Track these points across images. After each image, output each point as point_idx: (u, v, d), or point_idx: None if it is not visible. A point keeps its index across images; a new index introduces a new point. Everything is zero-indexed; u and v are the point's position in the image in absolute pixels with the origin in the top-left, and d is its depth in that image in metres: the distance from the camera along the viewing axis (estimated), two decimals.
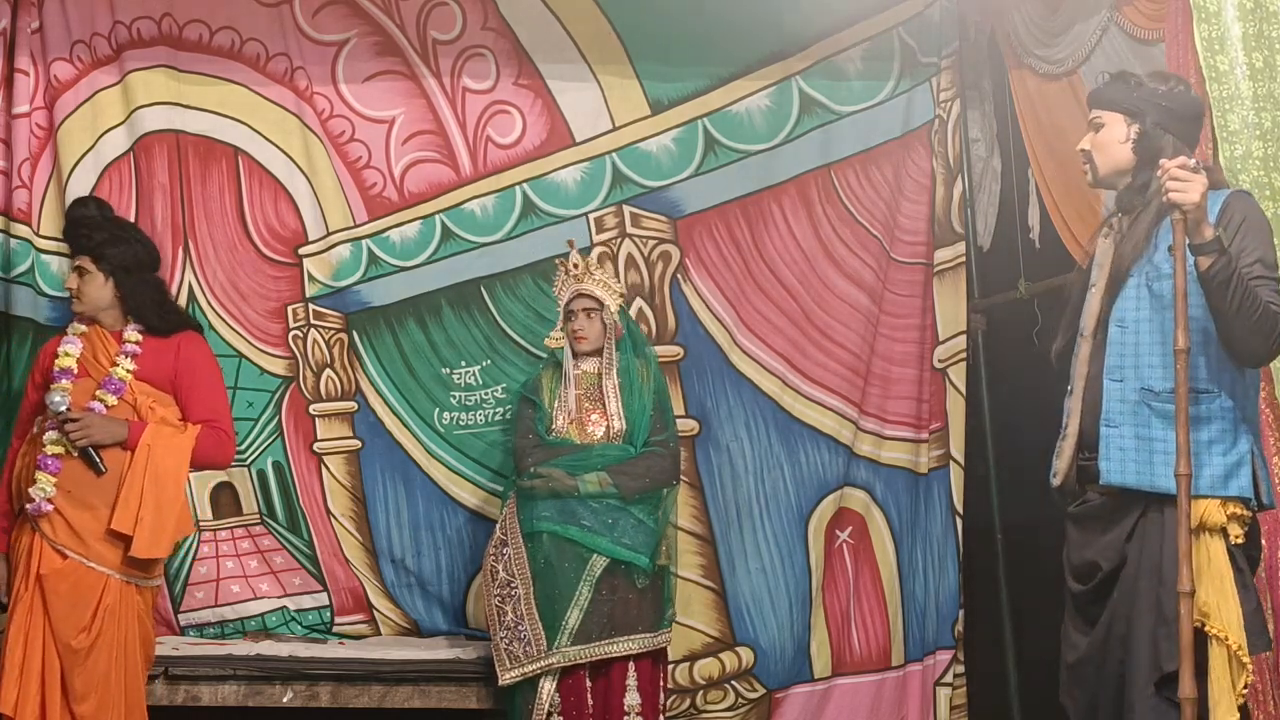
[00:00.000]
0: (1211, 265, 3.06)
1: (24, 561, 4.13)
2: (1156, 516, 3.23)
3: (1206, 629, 3.13)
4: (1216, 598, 3.11)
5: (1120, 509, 3.29)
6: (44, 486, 4.12)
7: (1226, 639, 3.11)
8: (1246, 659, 3.12)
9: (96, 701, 4.09)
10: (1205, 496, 3.17)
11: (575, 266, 4.79)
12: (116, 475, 4.16)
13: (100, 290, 4.31)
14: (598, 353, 4.79)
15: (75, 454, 4.13)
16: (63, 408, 4.11)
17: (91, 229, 4.35)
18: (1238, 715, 3.13)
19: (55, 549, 4.12)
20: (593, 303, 4.76)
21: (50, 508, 4.11)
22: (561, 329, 4.82)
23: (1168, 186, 3.05)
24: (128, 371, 4.25)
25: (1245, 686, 3.12)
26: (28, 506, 4.13)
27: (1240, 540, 3.17)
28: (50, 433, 4.15)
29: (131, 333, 4.31)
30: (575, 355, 4.81)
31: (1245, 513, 3.19)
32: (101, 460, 4.13)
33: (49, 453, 4.13)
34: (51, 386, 4.19)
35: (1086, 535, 3.37)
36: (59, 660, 4.07)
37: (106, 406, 4.18)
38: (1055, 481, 3.43)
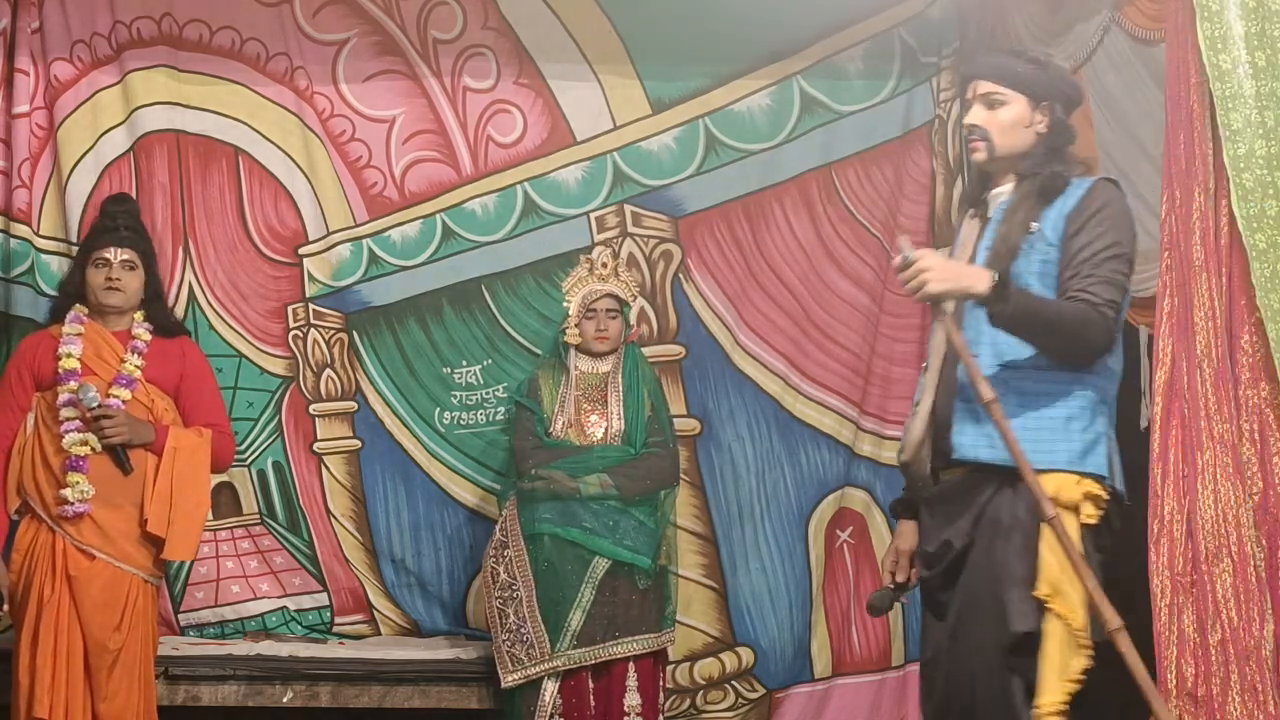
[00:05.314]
0: (1000, 313, 3.06)
1: (44, 562, 4.13)
2: (1009, 493, 3.15)
3: (1048, 606, 3.06)
4: (1064, 576, 3.05)
5: (974, 488, 3.20)
6: (84, 489, 4.12)
7: (1068, 620, 3.05)
8: (1086, 642, 3.06)
9: (121, 701, 4.13)
10: (1061, 471, 3.12)
11: (604, 266, 4.81)
12: (140, 476, 4.18)
13: (140, 285, 4.35)
14: (613, 352, 4.80)
15: (101, 450, 4.14)
16: (96, 403, 4.11)
17: (136, 223, 4.41)
18: (1063, 699, 3.05)
19: (81, 549, 4.13)
20: (616, 303, 4.78)
21: (87, 509, 4.11)
22: (576, 326, 4.81)
23: (910, 289, 3.04)
24: (136, 368, 4.26)
25: (1083, 672, 3.05)
26: (62, 509, 4.12)
27: (1093, 521, 3.12)
28: (74, 434, 4.15)
29: (141, 330, 4.32)
30: (579, 354, 4.81)
31: (1102, 493, 3.14)
32: (128, 459, 4.14)
33: (79, 453, 4.13)
34: (72, 384, 4.18)
35: (939, 518, 3.29)
36: (86, 660, 4.10)
37: (123, 402, 4.19)
38: (902, 457, 3.33)
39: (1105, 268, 3.13)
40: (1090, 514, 3.12)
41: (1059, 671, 3.05)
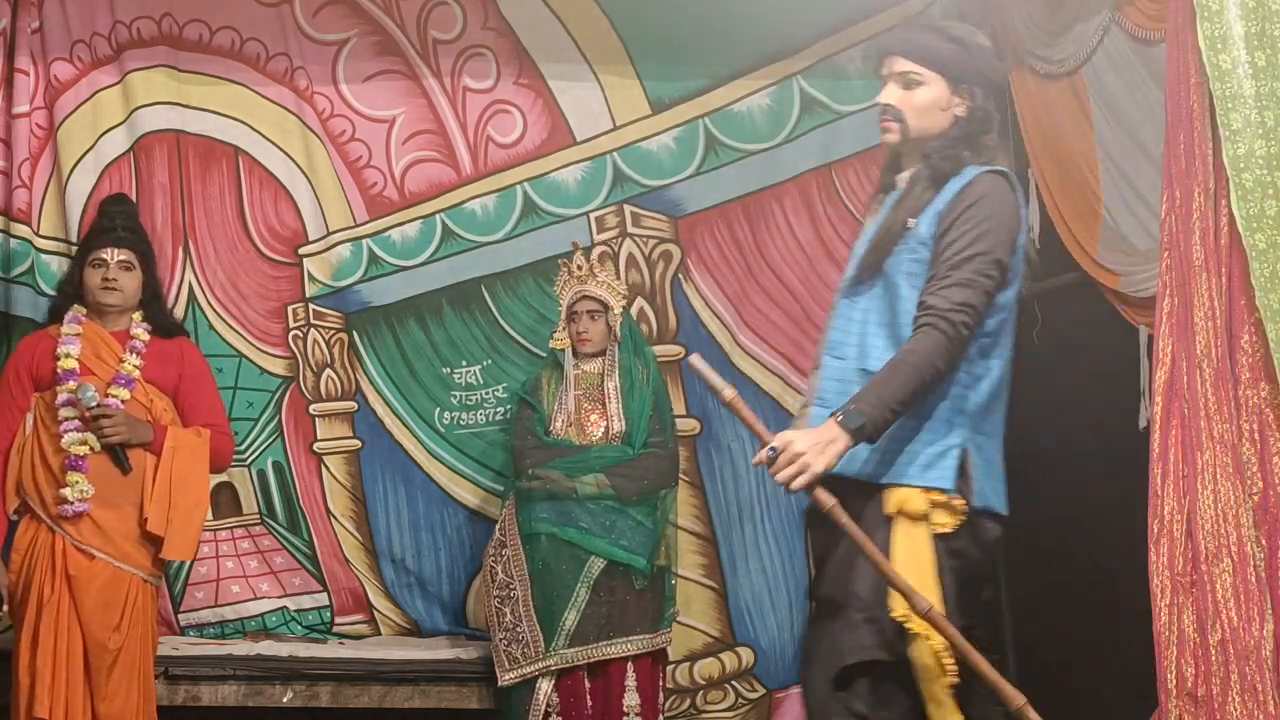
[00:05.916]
0: (867, 436, 2.93)
1: (44, 562, 4.13)
2: (859, 504, 3.01)
3: (908, 625, 2.92)
4: (922, 588, 2.91)
5: (837, 496, 3.00)
6: (84, 488, 4.12)
7: (930, 638, 2.90)
8: (950, 661, 2.91)
9: (121, 701, 4.13)
10: (905, 485, 3.01)
11: (579, 268, 4.80)
12: (139, 476, 4.18)
13: (137, 286, 4.35)
14: (600, 353, 4.80)
15: (100, 450, 4.14)
16: (94, 403, 4.11)
17: (134, 224, 4.42)
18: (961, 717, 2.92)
19: (80, 549, 4.13)
20: (596, 304, 4.78)
21: (86, 508, 4.11)
22: (564, 329, 4.82)
23: (787, 477, 2.91)
24: (135, 368, 4.26)
25: (950, 687, 2.92)
26: (62, 509, 4.12)
27: (946, 530, 2.99)
28: (73, 434, 4.15)
29: (140, 330, 4.33)
30: (576, 356, 4.82)
31: (956, 502, 3.00)
32: (127, 459, 4.14)
33: (78, 453, 4.14)
34: (71, 384, 4.18)
35: (817, 533, 3.20)
36: (85, 660, 4.10)
37: (121, 402, 4.19)
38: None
39: (965, 269, 2.99)
40: (942, 522, 3.00)
41: (945, 690, 2.91)
